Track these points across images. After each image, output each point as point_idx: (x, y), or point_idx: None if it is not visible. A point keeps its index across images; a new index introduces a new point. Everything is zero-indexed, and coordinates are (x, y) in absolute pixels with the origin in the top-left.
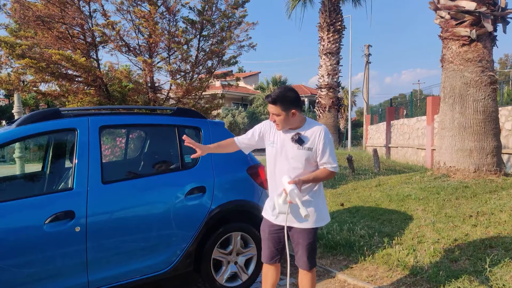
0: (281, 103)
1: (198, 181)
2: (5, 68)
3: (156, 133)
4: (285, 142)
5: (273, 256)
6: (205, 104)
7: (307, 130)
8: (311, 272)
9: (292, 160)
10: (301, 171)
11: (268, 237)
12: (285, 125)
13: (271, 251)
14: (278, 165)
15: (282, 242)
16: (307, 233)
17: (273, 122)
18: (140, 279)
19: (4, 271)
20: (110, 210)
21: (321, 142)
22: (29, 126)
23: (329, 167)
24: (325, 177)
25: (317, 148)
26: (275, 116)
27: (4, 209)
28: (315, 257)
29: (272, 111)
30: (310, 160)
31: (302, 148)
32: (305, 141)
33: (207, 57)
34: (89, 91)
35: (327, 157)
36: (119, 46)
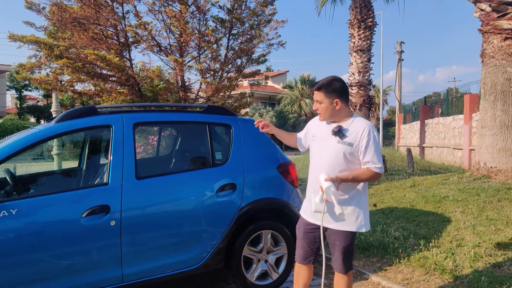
0: (325, 90)
1: (229, 178)
2: (44, 68)
3: (188, 130)
4: (326, 135)
5: (307, 256)
6: (233, 103)
7: (350, 125)
8: (347, 275)
9: (331, 155)
10: (340, 168)
11: (303, 236)
12: (327, 115)
13: (305, 250)
14: (317, 160)
15: (317, 242)
16: (344, 236)
17: (316, 110)
18: (172, 274)
19: (44, 262)
20: (143, 205)
21: (365, 138)
22: (67, 122)
23: (372, 167)
24: (368, 178)
25: (359, 145)
26: (318, 104)
27: (44, 202)
28: (351, 260)
29: (316, 98)
30: (351, 157)
31: (342, 142)
32: (346, 135)
33: (236, 56)
34: (122, 91)
35: (371, 155)
36: (151, 46)
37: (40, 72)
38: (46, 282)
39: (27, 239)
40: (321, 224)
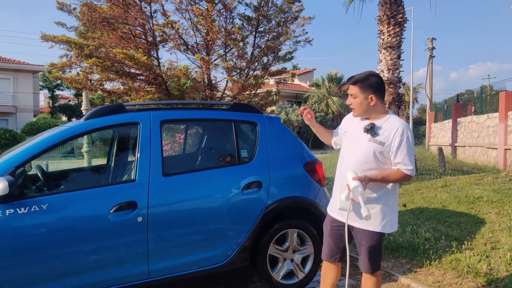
0: (361, 84)
1: (254, 175)
2: (74, 68)
3: (214, 128)
4: (358, 132)
5: (333, 254)
6: (259, 101)
7: (384, 123)
8: (374, 276)
9: (361, 153)
10: (369, 166)
11: (329, 233)
12: (361, 110)
13: (331, 248)
14: (346, 157)
15: (343, 241)
16: (371, 236)
17: (350, 105)
18: (198, 271)
19: (73, 256)
20: (170, 201)
21: (397, 138)
22: (96, 120)
23: (403, 168)
24: (397, 179)
25: (391, 145)
26: (352, 99)
27: (74, 198)
28: (379, 260)
29: (350, 91)
30: (381, 156)
31: (373, 141)
32: (378, 133)
33: (262, 53)
34: (150, 89)
35: (402, 156)
36: (178, 45)
37: (71, 72)
38: (75, 276)
39: (57, 233)
40: (346, 222)
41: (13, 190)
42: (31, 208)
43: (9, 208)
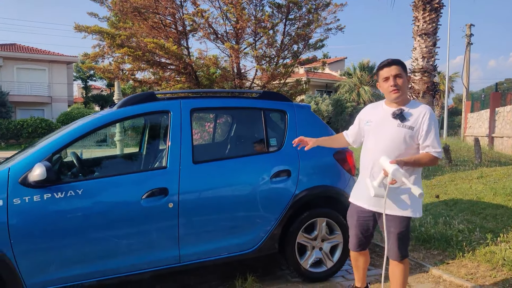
0: (402, 65)
1: (283, 164)
2: (107, 57)
3: (243, 116)
4: (384, 120)
5: (360, 244)
6: (289, 90)
7: (410, 108)
8: (402, 263)
9: (390, 139)
10: (399, 152)
11: (356, 224)
12: (404, 90)
13: (359, 239)
14: (373, 145)
15: (370, 230)
16: (400, 221)
17: (392, 86)
18: (227, 256)
19: (107, 240)
20: (200, 188)
21: (426, 122)
22: (128, 108)
23: (432, 151)
24: (427, 163)
25: (420, 129)
26: (398, 79)
27: (107, 184)
28: (407, 247)
29: (394, 72)
30: (410, 141)
31: (403, 126)
32: (407, 118)
33: (292, 41)
34: (180, 78)
35: (431, 140)
36: (207, 34)
37: (104, 62)
38: (108, 259)
39: (91, 218)
40: (383, 210)
41: (50, 176)
42: (67, 193)
43: (47, 192)
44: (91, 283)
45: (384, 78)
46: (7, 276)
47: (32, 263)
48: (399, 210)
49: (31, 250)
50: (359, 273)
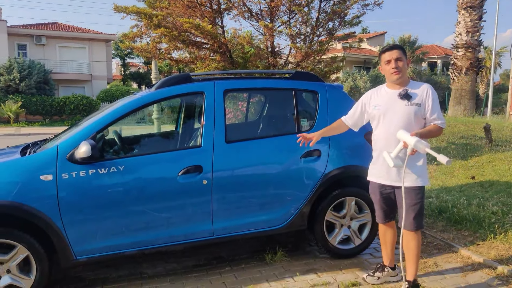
0: (402, 49)
1: (314, 144)
2: (144, 37)
3: (275, 97)
4: (392, 101)
5: (387, 216)
6: (324, 68)
7: (413, 88)
8: (417, 234)
9: (402, 118)
10: (410, 128)
11: (380, 198)
12: (404, 72)
13: (384, 211)
14: (386, 125)
15: (393, 200)
16: (416, 192)
17: (393, 68)
18: (257, 231)
19: (146, 214)
20: (232, 167)
21: (430, 98)
22: (165, 89)
23: (439, 123)
24: (436, 133)
25: (426, 104)
26: (399, 62)
27: (147, 161)
28: (422, 218)
29: (395, 55)
30: (418, 117)
31: (411, 104)
32: (413, 97)
33: (328, 19)
34: (214, 57)
35: (437, 113)
36: (242, 12)
37: (141, 41)
38: (148, 231)
39: (132, 192)
40: (402, 181)
41: (94, 153)
42: (110, 169)
43: (91, 168)
44: (132, 253)
45: (386, 61)
46: (57, 243)
47: (79, 232)
48: (415, 181)
49: (78, 221)
50: (387, 249)
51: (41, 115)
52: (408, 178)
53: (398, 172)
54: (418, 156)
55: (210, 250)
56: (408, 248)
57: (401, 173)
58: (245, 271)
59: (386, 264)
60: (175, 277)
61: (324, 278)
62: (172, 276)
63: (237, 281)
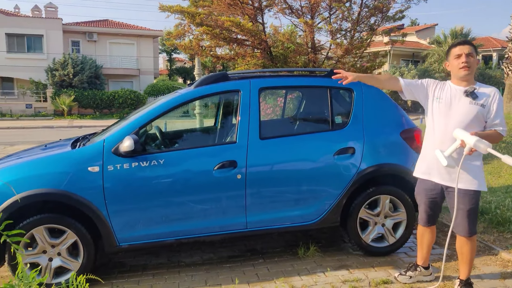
0: (474, 47)
1: (348, 142)
2: (187, 35)
3: (310, 94)
4: (455, 97)
5: (429, 219)
6: (366, 63)
7: (480, 88)
8: (471, 239)
9: (463, 115)
10: (471, 128)
11: (425, 201)
12: (472, 69)
13: (428, 214)
14: (445, 121)
15: (439, 204)
16: (471, 197)
17: (463, 63)
18: (290, 226)
19: (184, 205)
20: (265, 162)
21: (496, 102)
22: (204, 87)
23: (500, 129)
24: (494, 139)
25: (491, 108)
26: (470, 58)
27: (185, 155)
28: (476, 223)
29: (467, 50)
30: (480, 118)
31: (475, 104)
32: (479, 97)
33: (370, 14)
34: (255, 54)
35: (500, 119)
36: (282, 9)
37: (185, 39)
38: (184, 222)
39: (171, 184)
40: (456, 182)
41: (137, 147)
42: (151, 162)
43: (134, 161)
44: (170, 242)
45: (457, 55)
46: (103, 230)
47: (122, 221)
48: (469, 183)
49: (121, 210)
50: (423, 250)
51: (92, 109)
52: (463, 180)
53: (451, 172)
54: (475, 157)
55: (245, 242)
56: (462, 252)
57: (455, 173)
58: (277, 264)
59: (420, 263)
60: (210, 267)
61: (355, 274)
62: (207, 266)
63: (269, 273)
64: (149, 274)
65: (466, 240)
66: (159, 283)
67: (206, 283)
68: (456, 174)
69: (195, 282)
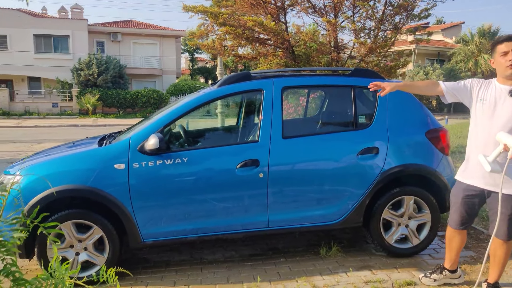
0: None
1: (371, 141)
2: (210, 35)
3: (333, 93)
4: (500, 98)
5: (463, 223)
6: (390, 62)
7: None
8: (508, 243)
9: (506, 118)
10: None
11: (461, 202)
12: None
13: (462, 217)
14: (489, 123)
15: (476, 209)
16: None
17: (510, 61)
18: (312, 226)
19: (207, 202)
20: (288, 162)
21: None
22: (227, 87)
23: None
24: None
25: None
26: None
27: (208, 153)
28: None
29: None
30: None
31: None
32: None
33: (394, 12)
34: (277, 53)
35: None
36: (305, 8)
37: (208, 39)
38: (208, 219)
39: (194, 182)
40: (500, 188)
41: (162, 145)
42: (175, 160)
43: (159, 159)
44: (193, 238)
45: (503, 52)
46: (128, 226)
47: (146, 217)
48: None
49: (145, 206)
50: (451, 253)
51: (115, 108)
52: (507, 185)
53: (495, 176)
54: None
55: (266, 241)
56: (495, 255)
57: (499, 178)
58: (299, 263)
59: (447, 266)
60: (232, 264)
61: (378, 275)
62: (229, 263)
63: (291, 272)
64: (172, 270)
65: (502, 243)
66: (182, 279)
67: (228, 280)
68: (501, 179)
69: (217, 279)
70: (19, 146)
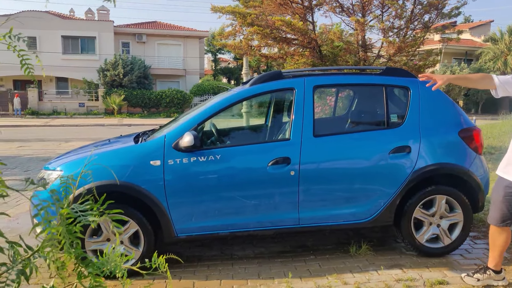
0: None
1: (403, 140)
2: (238, 35)
3: (364, 92)
4: None
5: (504, 219)
6: (418, 62)
7: None
8: None
9: None
10: None
11: (501, 199)
12: None
13: (503, 213)
14: None
15: None
16: None
17: None
18: (342, 224)
19: (238, 199)
20: (319, 160)
21: None
22: (259, 85)
23: None
24: None
25: None
26: None
27: (240, 151)
28: None
29: None
30: None
31: None
32: None
33: (424, 11)
34: (304, 53)
35: None
36: (333, 8)
37: (235, 39)
38: (239, 216)
39: (226, 179)
40: None
41: (196, 143)
42: (208, 157)
43: (193, 156)
44: (225, 234)
45: None
46: (162, 221)
47: (180, 212)
48: None
49: (180, 202)
50: (494, 252)
51: (140, 107)
52: None
53: None
54: None
55: (296, 238)
56: None
57: None
58: (329, 261)
59: (490, 266)
60: (262, 261)
61: (409, 274)
62: (259, 259)
63: (321, 269)
64: (204, 265)
65: None
66: (214, 273)
67: (259, 276)
68: None
69: (248, 275)
70: (48, 145)
